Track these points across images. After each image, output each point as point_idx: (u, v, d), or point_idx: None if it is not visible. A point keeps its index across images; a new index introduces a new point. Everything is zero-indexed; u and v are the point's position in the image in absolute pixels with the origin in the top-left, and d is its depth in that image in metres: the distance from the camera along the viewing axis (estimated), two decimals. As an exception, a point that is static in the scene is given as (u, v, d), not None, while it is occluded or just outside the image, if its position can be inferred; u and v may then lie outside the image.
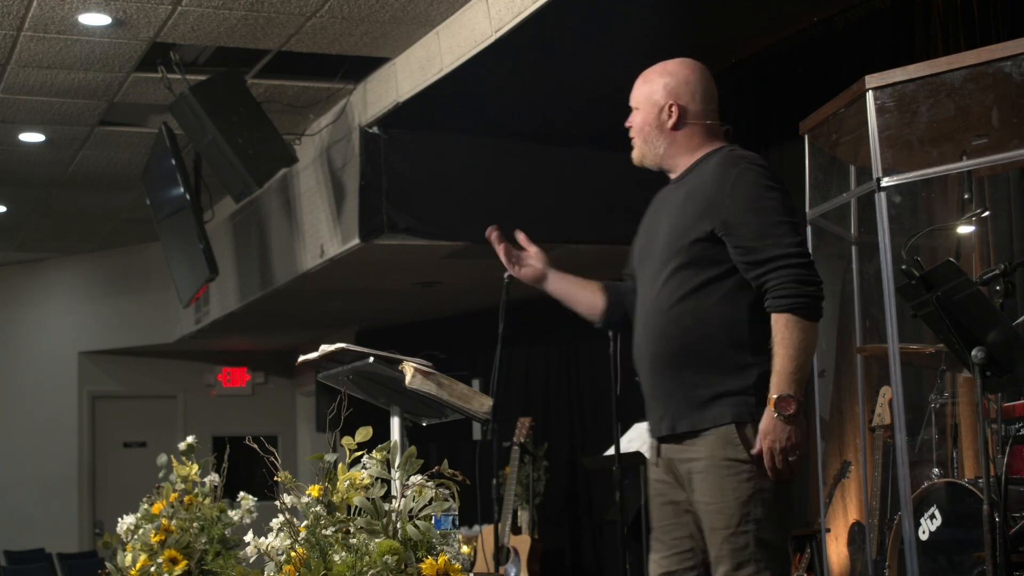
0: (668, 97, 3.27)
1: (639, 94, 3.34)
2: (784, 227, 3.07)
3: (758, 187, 3.11)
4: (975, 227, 5.73)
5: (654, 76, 3.32)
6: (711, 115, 3.29)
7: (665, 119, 3.27)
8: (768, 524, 3.10)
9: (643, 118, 3.32)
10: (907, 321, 4.27)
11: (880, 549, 5.41)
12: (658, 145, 3.31)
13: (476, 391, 3.64)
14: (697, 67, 3.35)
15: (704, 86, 3.30)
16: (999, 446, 4.32)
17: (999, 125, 4.85)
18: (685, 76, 3.29)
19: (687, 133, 3.27)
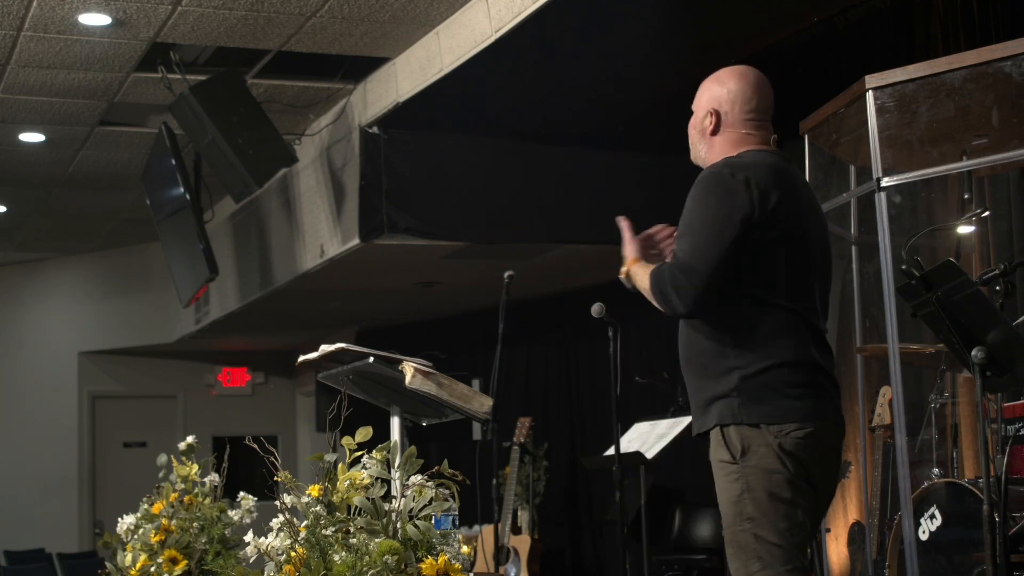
0: (711, 104, 3.46)
1: (696, 100, 3.54)
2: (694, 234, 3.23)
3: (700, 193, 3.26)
4: (975, 227, 5.74)
5: (708, 83, 3.53)
6: (750, 123, 3.41)
7: (707, 125, 3.44)
8: (765, 522, 3.15)
9: (692, 122, 3.51)
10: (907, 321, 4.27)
11: (880, 549, 5.41)
12: (700, 148, 3.48)
13: (476, 391, 3.64)
14: (745, 76, 3.49)
15: (747, 95, 3.44)
16: (999, 446, 4.32)
17: (999, 125, 4.85)
18: (731, 85, 3.47)
19: (724, 138, 3.42)
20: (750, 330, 3.20)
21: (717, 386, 3.24)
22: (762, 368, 3.19)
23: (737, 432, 3.20)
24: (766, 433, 3.17)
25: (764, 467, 3.17)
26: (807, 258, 3.28)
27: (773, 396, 3.18)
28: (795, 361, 3.20)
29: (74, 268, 13.06)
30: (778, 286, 3.22)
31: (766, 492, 3.16)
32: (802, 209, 3.29)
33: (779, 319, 3.21)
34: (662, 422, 6.40)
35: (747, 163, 3.28)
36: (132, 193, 9.97)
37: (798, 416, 3.16)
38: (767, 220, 3.19)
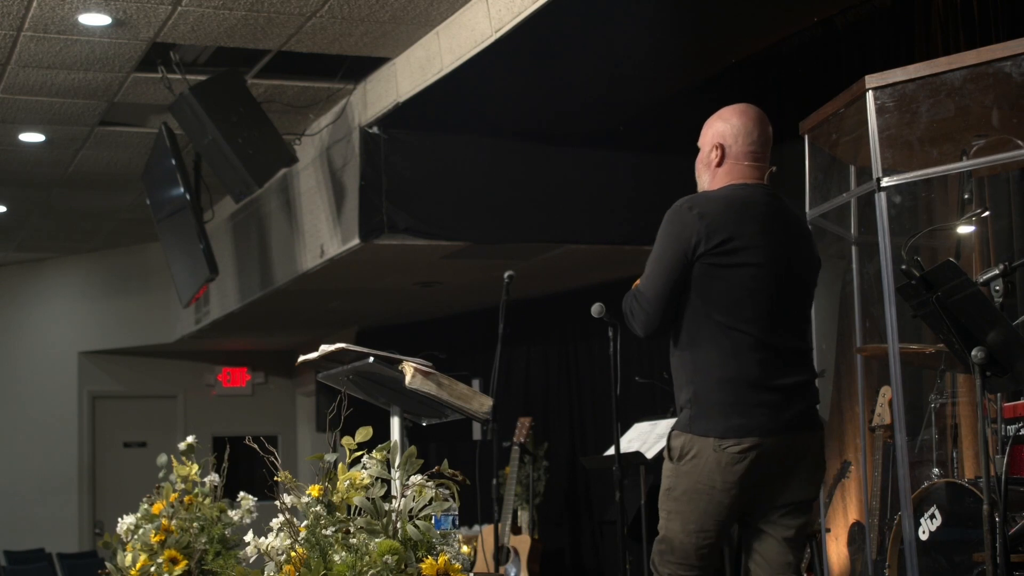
0: (716, 138, 3.72)
1: (701, 137, 3.80)
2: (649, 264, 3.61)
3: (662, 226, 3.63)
4: (975, 227, 5.73)
5: (712, 120, 3.79)
6: (751, 155, 3.68)
7: (713, 158, 3.71)
8: (677, 519, 3.55)
9: (699, 157, 3.77)
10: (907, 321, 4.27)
11: (880, 549, 5.41)
12: (704, 179, 3.75)
13: (476, 391, 3.65)
14: (749, 114, 3.74)
15: (748, 129, 3.70)
16: (999, 446, 4.32)
17: (999, 125, 4.85)
18: (734, 121, 3.72)
19: (726, 170, 3.69)
20: (705, 350, 3.51)
21: (679, 396, 3.59)
22: (712, 385, 3.49)
23: (683, 439, 3.53)
24: (705, 446, 3.47)
25: (693, 474, 3.50)
26: (769, 284, 3.53)
27: (718, 412, 3.48)
28: (741, 382, 3.48)
29: (74, 268, 13.06)
30: (733, 310, 3.50)
31: (687, 495, 3.52)
32: (771, 239, 3.55)
33: (732, 341, 3.49)
34: (662, 422, 6.40)
35: (713, 197, 3.61)
36: (132, 193, 9.97)
37: (737, 432, 3.45)
38: (717, 251, 3.49)
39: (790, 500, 3.57)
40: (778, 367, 3.50)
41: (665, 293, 3.53)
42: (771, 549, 3.60)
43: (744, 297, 3.50)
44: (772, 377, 3.49)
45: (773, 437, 3.46)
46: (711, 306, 3.50)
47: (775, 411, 3.48)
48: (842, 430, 6.79)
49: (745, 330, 3.48)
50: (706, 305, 3.51)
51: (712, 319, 3.50)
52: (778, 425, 3.48)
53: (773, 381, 3.49)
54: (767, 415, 3.47)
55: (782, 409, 3.49)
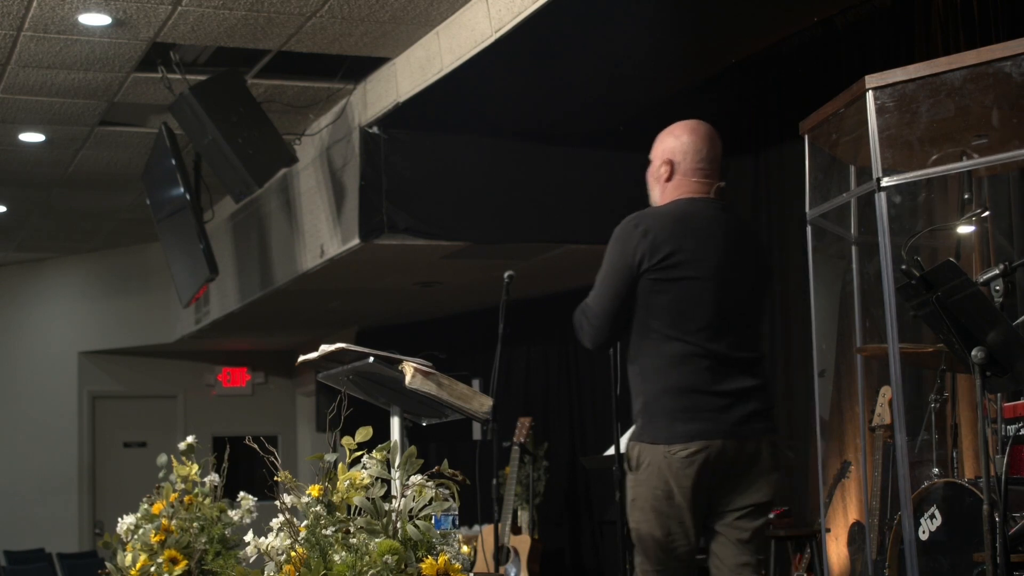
0: (666, 154, 3.87)
1: (653, 150, 3.94)
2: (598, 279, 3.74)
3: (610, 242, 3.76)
4: (975, 227, 5.73)
5: (663, 135, 3.93)
6: (700, 172, 3.83)
7: (662, 172, 3.86)
8: (645, 527, 3.68)
9: (650, 170, 3.91)
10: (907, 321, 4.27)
11: (880, 549, 5.41)
12: (655, 192, 3.90)
13: (476, 391, 3.65)
14: (699, 131, 3.91)
15: (698, 147, 3.86)
16: (999, 446, 4.32)
17: (999, 125, 4.84)
18: (684, 138, 3.88)
19: (674, 185, 3.84)
20: (652, 360, 3.66)
21: (633, 407, 3.73)
22: (657, 394, 3.64)
23: (637, 448, 3.68)
24: (657, 452, 3.61)
25: (650, 482, 3.64)
26: (716, 295, 3.67)
27: (664, 419, 3.62)
28: (687, 389, 3.62)
29: (74, 268, 13.06)
30: (678, 321, 3.64)
31: (649, 504, 3.65)
32: (710, 252, 3.69)
33: (677, 351, 3.63)
34: (662, 422, 6.39)
35: (659, 213, 3.76)
36: (132, 193, 9.97)
37: (684, 437, 3.59)
38: (660, 266, 3.63)
39: (745, 503, 3.71)
40: (722, 374, 3.63)
41: (612, 309, 3.69)
42: (726, 551, 3.78)
43: (688, 309, 3.64)
44: (716, 383, 3.62)
45: (720, 440, 3.60)
46: (656, 319, 3.65)
47: (721, 415, 3.61)
48: (842, 430, 6.80)
49: (689, 340, 3.63)
50: (651, 318, 3.65)
51: (658, 331, 3.65)
52: (724, 428, 3.61)
53: (717, 387, 3.62)
54: (712, 419, 3.60)
55: (728, 413, 3.62)
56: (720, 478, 3.64)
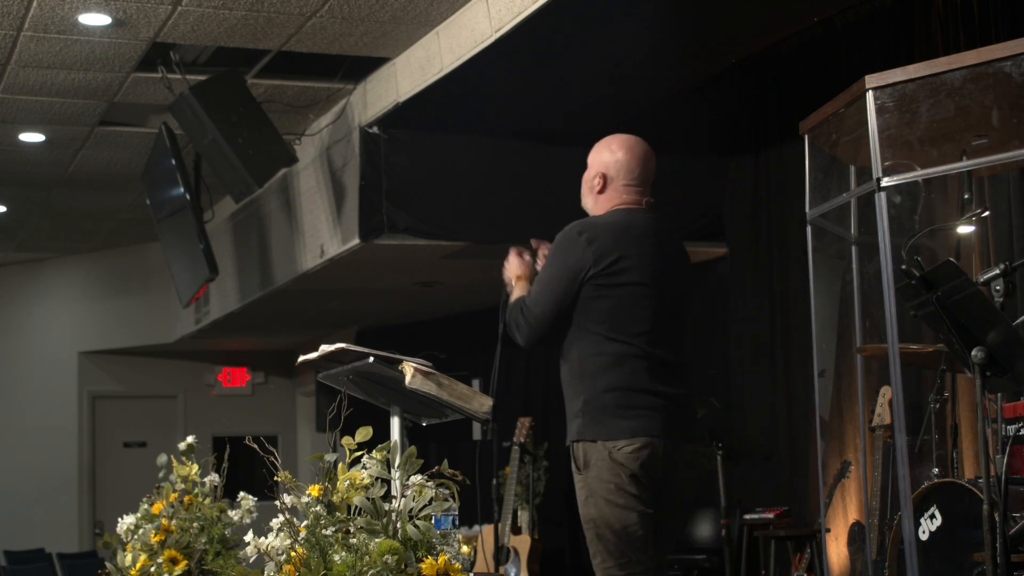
0: (601, 167, 4.04)
1: (590, 158, 4.10)
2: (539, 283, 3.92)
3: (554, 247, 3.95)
4: (975, 227, 5.73)
5: (601, 147, 4.08)
6: (630, 188, 4.03)
7: (595, 184, 4.04)
8: (603, 522, 3.75)
9: (584, 177, 4.09)
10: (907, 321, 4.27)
11: (880, 549, 5.41)
12: (588, 201, 4.08)
13: (476, 391, 3.65)
14: (632, 149, 4.09)
15: (631, 166, 4.05)
16: (999, 446, 4.32)
17: (999, 125, 4.84)
18: (619, 155, 4.05)
19: (606, 197, 4.02)
20: (594, 361, 3.81)
21: (572, 407, 3.89)
22: (599, 393, 3.79)
23: (582, 448, 3.81)
24: (602, 448, 3.74)
25: (601, 477, 3.74)
26: (654, 301, 3.84)
27: (608, 417, 3.77)
28: (628, 387, 3.77)
29: (74, 268, 13.06)
30: (619, 325, 3.80)
31: (603, 498, 3.74)
32: (652, 259, 3.87)
33: (618, 352, 3.79)
34: (662, 422, 6.39)
35: (597, 223, 3.93)
36: (132, 193, 9.97)
37: (627, 433, 3.73)
38: (607, 271, 3.79)
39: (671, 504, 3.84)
40: (660, 376, 3.80)
41: (553, 311, 3.85)
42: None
43: (630, 313, 3.81)
44: (654, 384, 3.78)
45: (660, 439, 3.75)
46: (600, 322, 3.80)
47: (659, 414, 3.77)
48: (842, 430, 6.80)
49: (630, 342, 3.79)
50: (595, 322, 3.81)
51: (600, 334, 3.80)
52: (663, 428, 3.76)
53: (655, 387, 3.78)
54: (652, 418, 3.76)
55: (665, 414, 3.77)
56: (659, 475, 3.77)
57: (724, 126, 8.37)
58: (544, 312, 3.86)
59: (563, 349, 3.90)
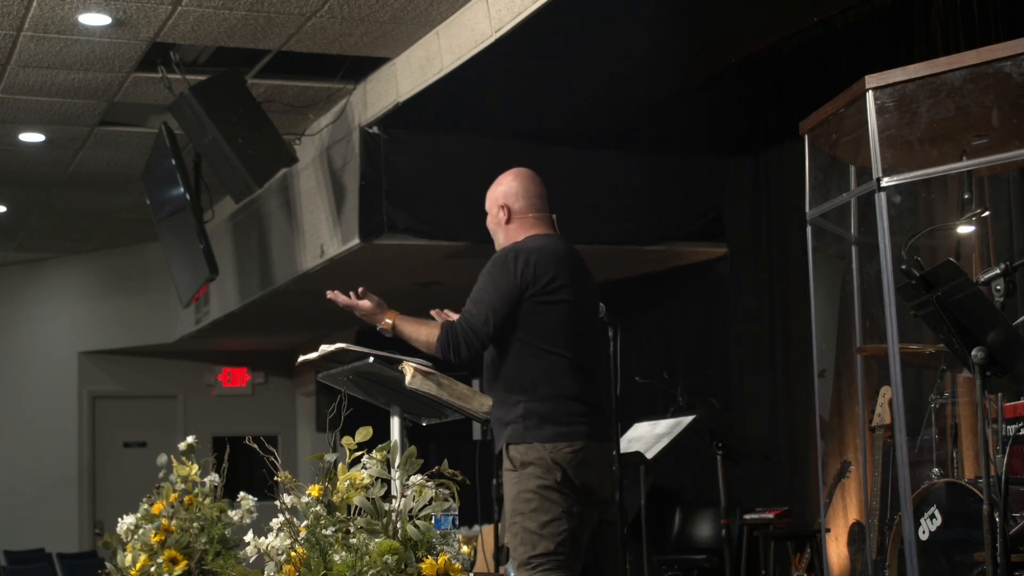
0: (501, 199, 4.35)
1: (487, 202, 4.41)
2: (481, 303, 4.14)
3: (489, 270, 4.18)
4: (975, 227, 5.73)
5: (493, 187, 4.39)
6: (534, 208, 4.35)
7: (501, 217, 4.33)
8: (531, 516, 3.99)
9: (489, 219, 4.39)
10: (907, 321, 4.27)
11: (880, 549, 5.41)
12: (499, 236, 4.36)
13: (476, 391, 3.66)
14: (522, 175, 4.42)
15: (525, 187, 4.38)
16: (999, 446, 4.32)
17: (999, 125, 4.84)
18: (512, 183, 4.37)
19: (515, 225, 4.32)
20: (534, 371, 4.07)
21: (509, 414, 4.05)
22: (540, 400, 4.04)
23: (519, 449, 4.02)
24: (541, 450, 3.99)
25: (536, 475, 3.99)
26: (581, 316, 4.18)
27: (548, 423, 4.02)
28: (567, 396, 4.06)
29: (74, 268, 13.06)
30: (557, 339, 4.09)
31: (535, 494, 3.99)
32: (576, 279, 4.19)
33: (556, 364, 4.08)
34: (662, 422, 6.40)
35: (529, 248, 4.18)
36: (132, 193, 9.96)
37: (567, 437, 4.01)
38: (544, 290, 4.08)
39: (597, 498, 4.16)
40: (588, 385, 4.14)
41: (495, 328, 4.08)
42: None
43: (562, 328, 4.11)
44: (585, 393, 4.11)
45: (595, 441, 4.09)
46: (537, 336, 4.08)
47: (590, 420, 4.09)
48: (842, 430, 6.80)
49: (564, 355, 4.09)
50: (532, 336, 4.08)
51: (537, 347, 4.08)
52: (595, 433, 4.10)
53: (586, 396, 4.11)
54: (586, 423, 4.07)
55: (594, 419, 4.11)
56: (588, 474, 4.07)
57: (724, 126, 8.37)
58: (489, 329, 4.08)
59: (495, 360, 4.14)
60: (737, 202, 8.48)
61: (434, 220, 7.80)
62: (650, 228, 8.32)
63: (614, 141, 8.04)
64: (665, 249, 8.50)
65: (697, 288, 8.91)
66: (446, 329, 4.14)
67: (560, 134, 7.94)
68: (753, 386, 8.18)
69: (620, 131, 7.89)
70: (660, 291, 9.07)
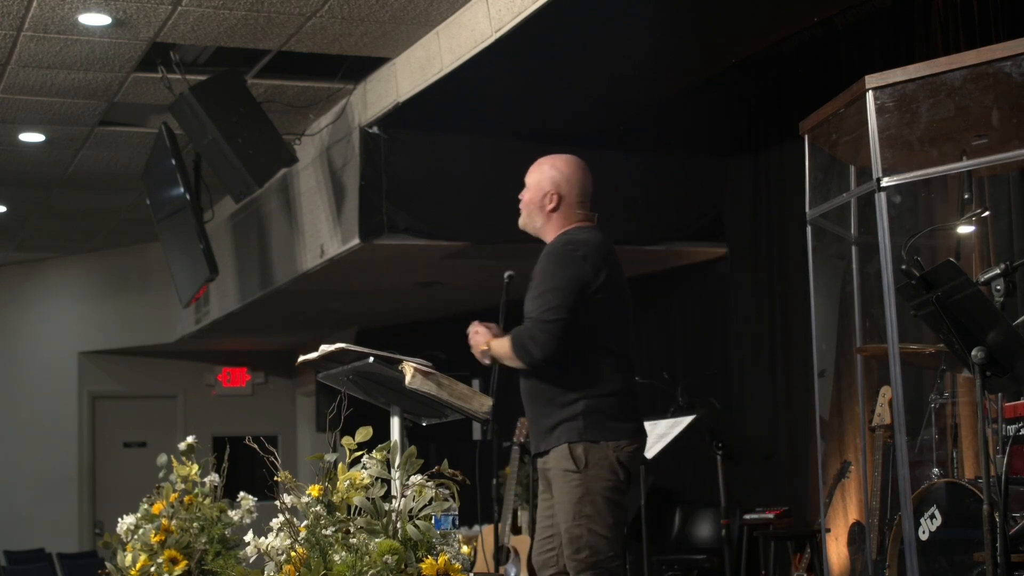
0: (552, 186, 4.24)
1: (531, 176, 4.32)
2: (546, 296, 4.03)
3: (549, 265, 4.10)
4: (975, 227, 5.73)
5: (544, 166, 4.29)
6: (582, 204, 4.26)
7: (547, 203, 4.23)
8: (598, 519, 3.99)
9: (529, 197, 4.30)
10: (907, 321, 4.27)
11: (880, 549, 5.41)
12: (537, 220, 4.30)
13: (476, 391, 3.66)
14: (576, 163, 4.29)
15: (581, 180, 4.27)
16: (999, 446, 4.32)
17: (999, 125, 4.84)
18: (567, 171, 4.25)
19: (561, 215, 4.23)
20: (595, 368, 4.06)
21: (565, 412, 4.03)
22: (602, 397, 4.04)
23: (581, 448, 4.00)
24: (606, 449, 3.99)
25: (602, 477, 3.99)
26: (626, 313, 4.20)
27: (609, 419, 4.03)
28: (623, 392, 4.09)
29: (74, 268, 13.06)
30: (612, 335, 4.11)
31: (604, 499, 3.99)
32: (620, 274, 4.20)
33: (611, 360, 4.09)
34: (662, 422, 6.40)
35: (582, 240, 4.13)
36: (132, 193, 9.97)
37: (629, 434, 4.05)
38: (599, 287, 4.06)
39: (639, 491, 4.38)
40: (634, 383, 4.19)
41: (566, 322, 4.01)
42: None
43: (615, 324, 4.13)
44: (634, 391, 4.17)
45: (643, 438, 4.15)
46: (596, 333, 4.07)
47: (640, 417, 4.16)
48: (842, 430, 6.80)
49: (619, 352, 4.12)
50: (592, 332, 4.06)
51: (596, 343, 4.07)
52: (642, 429, 4.16)
53: (634, 391, 4.17)
54: (638, 420, 4.13)
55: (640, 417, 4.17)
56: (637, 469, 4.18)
57: (724, 126, 8.37)
58: (563, 322, 4.00)
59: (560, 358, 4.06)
60: (737, 202, 8.48)
61: (434, 220, 7.80)
62: (650, 228, 8.32)
63: (614, 141, 8.03)
64: (665, 249, 8.50)
65: (697, 288, 8.91)
66: (513, 335, 4.11)
67: (560, 134, 7.92)
68: (753, 386, 8.18)
69: (620, 131, 7.89)
70: (660, 291, 9.07)
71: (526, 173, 4.47)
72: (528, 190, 4.31)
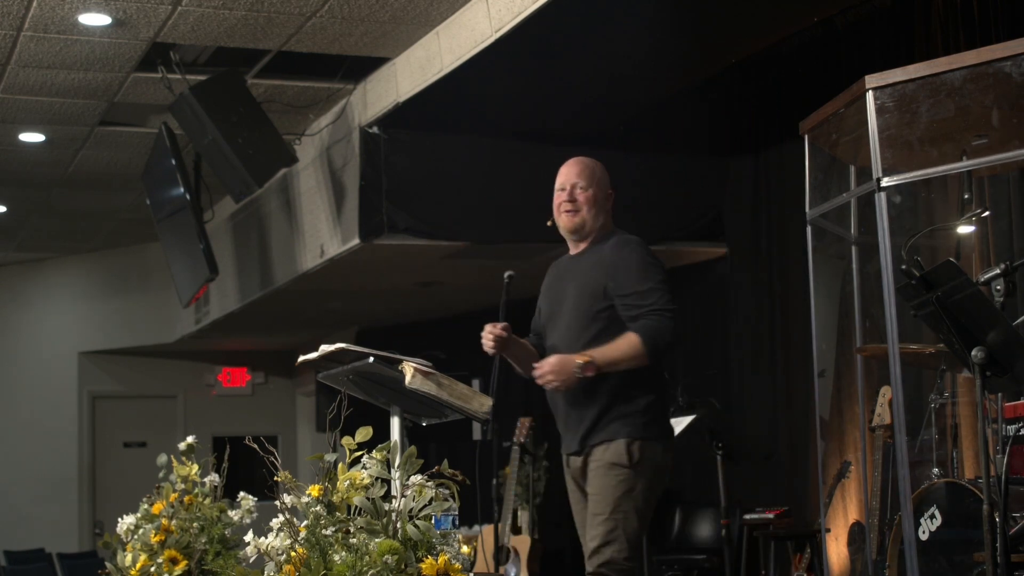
0: (609, 187, 4.36)
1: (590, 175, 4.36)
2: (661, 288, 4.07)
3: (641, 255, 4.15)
4: (975, 227, 5.73)
5: (599, 167, 4.41)
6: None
7: (607, 203, 4.32)
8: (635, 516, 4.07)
9: (591, 194, 4.30)
10: (907, 321, 4.27)
11: (880, 549, 5.41)
12: (599, 217, 4.30)
13: (476, 391, 3.65)
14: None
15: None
16: (999, 446, 4.32)
17: (999, 125, 4.84)
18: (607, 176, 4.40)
19: (608, 214, 4.33)
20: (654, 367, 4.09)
21: (628, 407, 4.07)
22: (661, 398, 4.17)
23: (637, 444, 4.05)
24: (656, 448, 4.08)
25: (648, 476, 4.08)
26: None
27: (663, 421, 4.16)
28: (667, 393, 4.30)
29: (74, 268, 13.06)
30: None
31: (642, 495, 4.08)
32: None
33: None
34: (662, 422, 6.39)
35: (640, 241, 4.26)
36: (132, 193, 9.97)
37: (672, 434, 4.20)
38: None
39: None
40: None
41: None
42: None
43: None
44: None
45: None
46: None
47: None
48: (842, 430, 6.80)
49: None
50: None
51: None
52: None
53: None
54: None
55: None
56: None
57: (724, 126, 8.37)
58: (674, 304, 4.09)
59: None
60: (737, 202, 8.48)
61: (434, 220, 7.80)
62: (650, 228, 8.31)
63: (614, 141, 8.03)
64: (665, 249, 8.49)
65: (697, 288, 8.90)
66: (641, 331, 4.01)
67: (560, 134, 7.93)
68: (753, 386, 8.18)
69: (620, 131, 7.88)
70: (660, 291, 9.06)
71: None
72: (589, 187, 4.31)
